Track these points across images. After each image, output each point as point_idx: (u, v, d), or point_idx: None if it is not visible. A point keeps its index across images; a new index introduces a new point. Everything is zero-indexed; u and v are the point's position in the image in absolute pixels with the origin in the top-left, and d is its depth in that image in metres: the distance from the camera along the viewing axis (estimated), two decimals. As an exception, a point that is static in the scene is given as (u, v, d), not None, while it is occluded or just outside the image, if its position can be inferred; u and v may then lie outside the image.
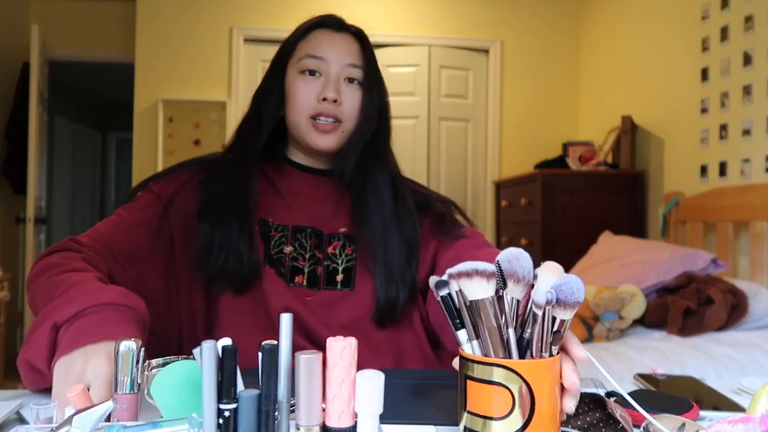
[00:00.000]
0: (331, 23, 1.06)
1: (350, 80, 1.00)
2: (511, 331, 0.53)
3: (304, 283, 0.95)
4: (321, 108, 0.97)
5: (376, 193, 1.00)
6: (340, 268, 0.97)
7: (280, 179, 1.02)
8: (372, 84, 1.02)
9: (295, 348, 0.43)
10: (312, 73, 0.99)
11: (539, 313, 0.52)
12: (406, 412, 0.66)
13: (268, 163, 1.04)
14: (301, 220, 0.99)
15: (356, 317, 0.95)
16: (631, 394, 0.75)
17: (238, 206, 0.95)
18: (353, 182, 1.00)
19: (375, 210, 0.99)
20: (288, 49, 1.04)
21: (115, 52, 4.26)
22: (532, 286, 0.55)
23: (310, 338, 0.92)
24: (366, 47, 1.05)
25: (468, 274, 0.53)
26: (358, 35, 1.07)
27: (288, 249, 0.96)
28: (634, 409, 0.62)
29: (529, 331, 0.53)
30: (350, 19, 1.12)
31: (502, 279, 0.54)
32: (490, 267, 0.53)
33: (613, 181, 3.14)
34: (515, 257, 0.54)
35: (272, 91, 1.02)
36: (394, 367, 0.94)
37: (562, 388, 0.55)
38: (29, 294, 0.83)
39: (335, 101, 0.97)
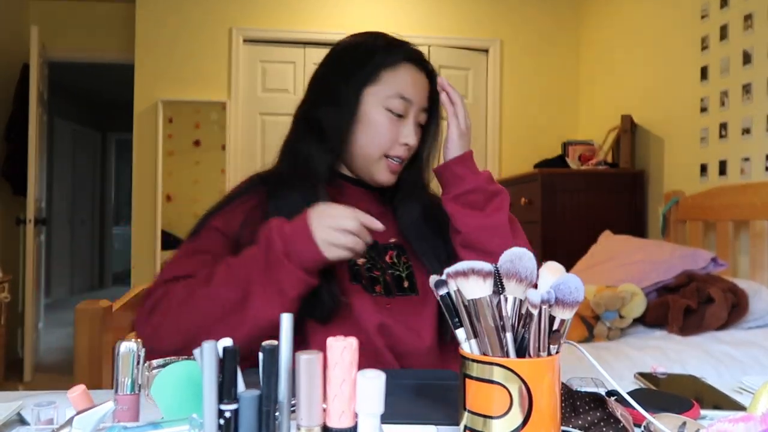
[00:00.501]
0: (418, 60, 1.03)
1: (420, 124, 1.03)
2: (508, 330, 0.54)
3: (382, 291, 0.96)
4: (399, 151, 0.99)
5: (418, 204, 1.05)
6: (404, 275, 1.00)
7: (339, 195, 1.00)
8: (436, 125, 1.07)
9: (383, 363, 0.43)
10: (399, 114, 0.99)
11: (535, 312, 0.52)
12: (407, 412, 0.66)
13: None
14: None
15: (430, 320, 0.97)
16: (631, 393, 0.75)
17: None
18: (396, 194, 1.05)
19: (420, 220, 1.03)
20: (370, 73, 0.99)
21: (115, 53, 4.26)
22: (536, 285, 0.55)
23: (395, 349, 0.91)
24: (434, 89, 1.04)
25: (464, 274, 0.53)
26: (432, 76, 1.06)
27: (361, 261, 0.97)
28: (635, 408, 0.62)
29: (525, 330, 0.53)
30: (350, 19, 1.11)
31: (499, 282, 0.54)
32: (487, 266, 0.53)
33: (613, 181, 3.14)
34: (518, 257, 0.54)
35: (343, 112, 0.98)
36: None
37: None
38: (186, 317, 0.84)
39: (411, 147, 1.01)
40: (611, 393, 0.75)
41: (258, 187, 1.01)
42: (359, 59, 1.00)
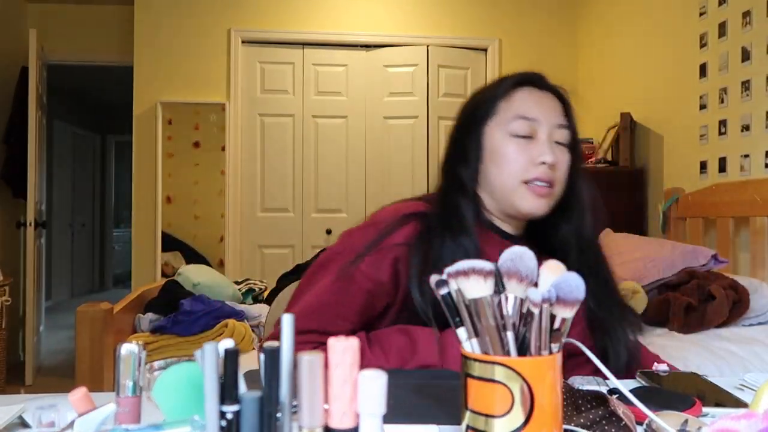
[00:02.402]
0: (536, 81, 1.00)
1: (558, 143, 0.97)
2: (509, 329, 0.54)
3: None
4: (537, 172, 0.93)
5: (569, 253, 0.99)
6: None
7: (485, 245, 0.95)
8: (578, 146, 1.01)
9: None
10: (525, 136, 0.95)
11: (536, 311, 0.52)
12: (409, 412, 0.66)
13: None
14: None
15: None
16: (633, 391, 0.75)
17: None
18: (549, 241, 1.01)
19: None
20: (487, 108, 0.97)
21: (114, 55, 4.26)
22: (536, 284, 0.55)
23: None
24: (569, 106, 1.01)
25: (465, 273, 0.53)
26: (560, 94, 1.02)
27: None
28: (637, 406, 0.62)
29: (527, 329, 0.53)
30: (349, 20, 1.11)
31: (500, 281, 0.54)
32: (488, 265, 0.53)
33: (612, 178, 3.15)
34: (519, 256, 0.54)
35: (472, 155, 0.97)
36: None
37: None
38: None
39: (552, 165, 0.94)
40: (613, 391, 0.75)
41: (406, 225, 0.95)
42: (477, 103, 1.00)
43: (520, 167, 0.94)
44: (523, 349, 0.53)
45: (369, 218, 0.99)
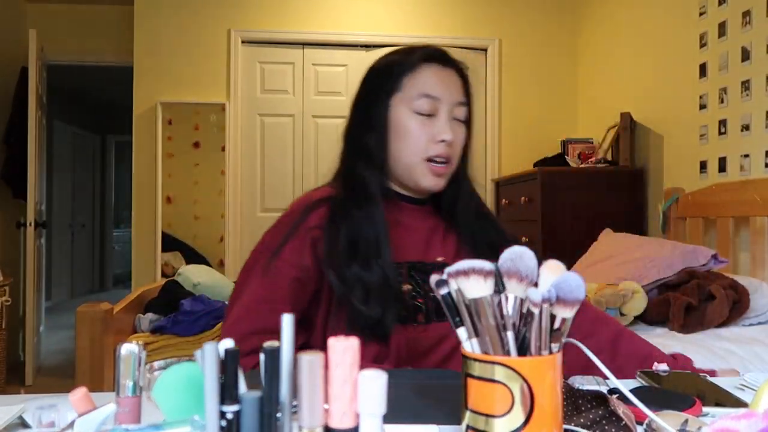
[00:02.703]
0: (440, 57, 1.03)
1: (457, 119, 1.01)
2: (510, 329, 0.53)
3: (423, 320, 0.96)
4: (437, 150, 0.98)
5: (470, 223, 1.05)
6: None
7: (394, 214, 1.01)
8: (471, 120, 1.05)
9: None
10: (428, 114, 0.98)
11: (536, 311, 0.52)
12: (409, 412, 0.66)
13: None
14: (411, 255, 1.00)
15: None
16: (633, 390, 0.75)
17: (382, 247, 0.93)
18: (450, 213, 1.05)
19: (473, 240, 1.04)
20: (392, 83, 1.00)
21: (113, 56, 4.26)
22: (536, 284, 0.55)
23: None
24: (468, 83, 1.05)
25: (465, 273, 0.53)
26: (461, 70, 1.06)
27: (407, 287, 0.96)
28: (637, 406, 0.62)
29: (527, 329, 0.53)
30: (348, 20, 1.13)
31: (500, 281, 0.54)
32: (488, 265, 0.53)
33: (612, 178, 3.14)
34: (519, 256, 0.54)
35: (377, 129, 1.00)
36: None
37: None
38: None
39: (450, 143, 0.99)
40: (613, 391, 0.75)
41: (317, 210, 0.98)
42: (381, 75, 1.02)
43: (422, 144, 0.98)
44: (523, 349, 0.53)
45: (282, 214, 1.01)
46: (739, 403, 0.76)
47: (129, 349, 0.58)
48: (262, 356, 0.43)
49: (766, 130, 2.32)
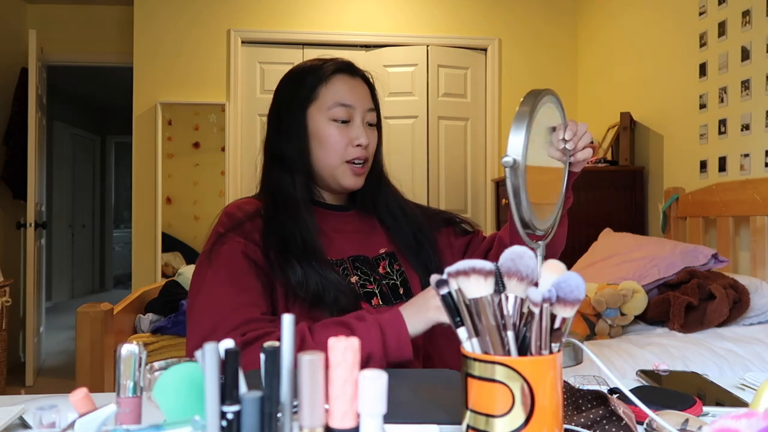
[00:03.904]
0: (348, 69, 1.11)
1: (369, 124, 1.10)
2: (510, 329, 0.54)
3: (381, 303, 1.03)
4: (355, 153, 1.06)
5: (395, 213, 1.14)
6: (398, 282, 1.07)
7: (326, 222, 1.08)
8: (380, 123, 1.15)
9: None
10: (344, 121, 1.06)
11: (536, 310, 0.52)
12: (410, 412, 0.66)
13: None
14: (351, 251, 1.07)
15: None
16: (634, 390, 0.75)
17: (317, 247, 0.99)
18: (374, 209, 1.15)
19: (400, 227, 1.13)
20: (308, 93, 1.08)
21: (113, 56, 4.26)
22: (537, 284, 0.55)
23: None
24: (374, 90, 1.15)
25: (466, 273, 0.53)
26: (368, 79, 1.15)
27: (354, 278, 1.03)
28: (637, 405, 0.62)
29: (527, 328, 0.53)
30: (348, 20, 1.17)
31: (500, 281, 0.54)
32: (488, 265, 0.53)
33: (612, 178, 3.14)
34: (519, 256, 0.54)
35: (297, 136, 1.07)
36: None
37: None
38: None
39: (366, 146, 1.07)
40: (614, 390, 0.75)
41: (254, 221, 1.02)
42: (296, 86, 1.10)
43: (341, 149, 1.06)
44: (523, 349, 0.53)
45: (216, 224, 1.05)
46: (739, 403, 0.76)
47: (129, 349, 0.58)
48: (262, 356, 0.43)
49: (766, 130, 2.32)
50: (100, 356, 1.84)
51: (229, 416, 0.41)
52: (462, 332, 0.55)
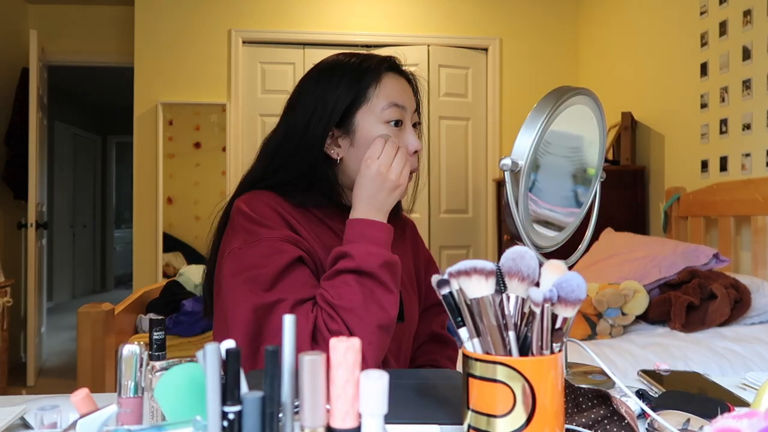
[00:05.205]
0: (397, 66, 1.03)
1: (414, 126, 1.01)
2: (511, 329, 0.53)
3: None
4: (411, 162, 0.96)
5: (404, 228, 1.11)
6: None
7: (334, 222, 0.98)
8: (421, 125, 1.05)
9: None
10: (397, 123, 0.96)
11: (537, 310, 0.52)
12: (411, 412, 0.66)
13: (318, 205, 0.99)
14: None
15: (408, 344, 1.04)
16: (665, 394, 0.74)
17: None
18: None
19: (399, 239, 1.06)
20: (357, 94, 0.95)
21: (114, 56, 4.26)
22: (538, 284, 0.55)
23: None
24: (417, 90, 1.05)
25: (467, 273, 0.53)
26: (412, 78, 1.06)
27: None
28: (639, 404, 0.62)
29: (528, 328, 0.53)
30: (349, 20, 1.11)
31: (501, 281, 0.54)
32: (489, 265, 0.53)
33: (613, 178, 3.14)
34: (520, 256, 0.54)
35: (344, 135, 0.96)
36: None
37: None
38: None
39: (417, 152, 0.98)
40: (640, 393, 0.75)
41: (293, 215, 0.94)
42: (346, 87, 0.96)
43: None
44: (524, 349, 0.53)
45: (238, 220, 0.93)
46: (740, 402, 0.76)
47: (131, 349, 0.58)
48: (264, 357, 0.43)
49: (767, 129, 2.31)
50: (101, 356, 1.84)
51: (231, 416, 0.41)
52: (463, 332, 0.55)
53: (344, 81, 0.96)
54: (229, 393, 0.41)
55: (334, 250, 0.87)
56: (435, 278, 0.57)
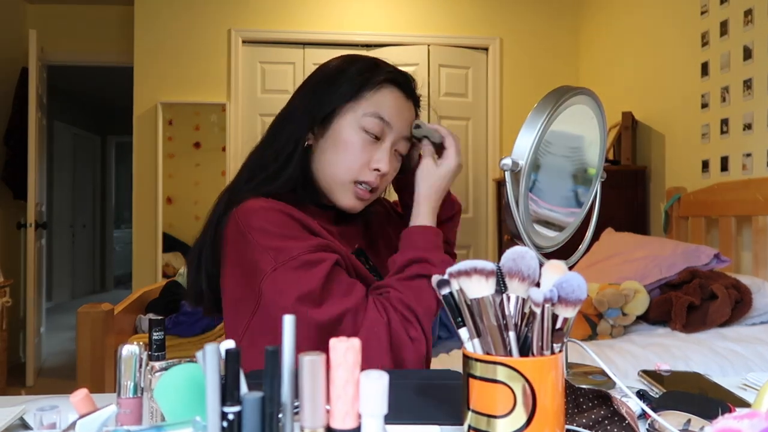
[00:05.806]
0: (405, 86, 0.98)
1: (397, 152, 0.97)
2: (511, 329, 0.53)
3: None
4: (369, 177, 0.93)
5: (377, 212, 1.11)
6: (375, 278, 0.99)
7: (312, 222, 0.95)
8: (404, 157, 1.01)
9: None
10: (375, 136, 0.92)
11: (538, 311, 0.52)
12: (411, 413, 0.65)
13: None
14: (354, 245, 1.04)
15: None
16: (665, 395, 0.74)
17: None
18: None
19: (373, 223, 1.09)
20: (349, 89, 0.93)
21: (114, 56, 4.26)
22: (538, 284, 0.54)
23: None
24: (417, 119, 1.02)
25: (467, 273, 0.53)
26: (417, 105, 1.03)
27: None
28: (640, 404, 0.62)
29: (528, 329, 0.53)
30: (349, 20, 1.10)
31: (501, 281, 0.54)
32: (489, 265, 0.53)
33: (614, 178, 3.14)
34: (520, 256, 0.54)
35: (316, 127, 0.94)
36: None
37: None
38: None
39: (383, 174, 0.94)
40: (641, 393, 0.75)
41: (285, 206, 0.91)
42: (341, 78, 0.94)
43: (357, 166, 0.92)
44: (525, 349, 0.53)
45: (255, 238, 0.86)
46: (741, 403, 0.76)
47: (130, 349, 0.58)
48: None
49: (768, 129, 2.31)
50: (100, 357, 1.84)
51: (230, 417, 0.41)
52: (463, 332, 0.55)
53: (346, 83, 0.94)
54: (228, 393, 0.41)
55: (408, 253, 0.90)
56: (435, 278, 0.57)
